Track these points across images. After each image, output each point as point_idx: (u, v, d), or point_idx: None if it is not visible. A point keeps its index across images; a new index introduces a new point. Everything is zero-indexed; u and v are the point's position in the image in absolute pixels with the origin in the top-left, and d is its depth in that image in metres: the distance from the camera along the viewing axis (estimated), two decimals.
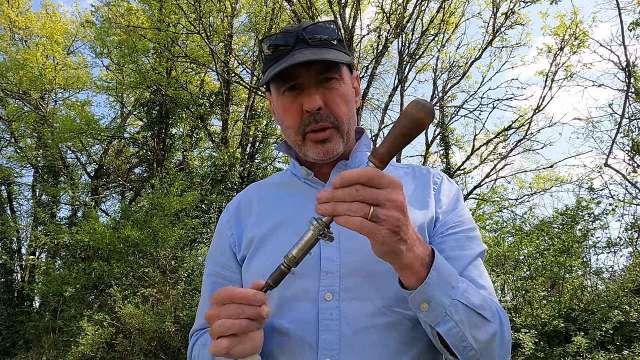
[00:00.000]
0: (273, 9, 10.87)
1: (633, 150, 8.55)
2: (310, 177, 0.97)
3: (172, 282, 7.62)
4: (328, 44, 0.89)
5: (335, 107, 0.90)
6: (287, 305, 0.85)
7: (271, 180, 1.06)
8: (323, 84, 0.89)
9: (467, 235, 0.89)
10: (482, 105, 9.61)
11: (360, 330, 0.80)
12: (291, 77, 0.88)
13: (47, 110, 13.21)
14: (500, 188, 11.26)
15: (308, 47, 0.87)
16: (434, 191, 0.95)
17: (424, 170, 1.00)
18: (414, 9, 8.87)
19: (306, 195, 0.96)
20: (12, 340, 10.49)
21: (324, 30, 0.89)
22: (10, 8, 13.31)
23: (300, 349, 0.81)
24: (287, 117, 0.92)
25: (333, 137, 0.90)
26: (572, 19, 8.70)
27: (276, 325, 0.85)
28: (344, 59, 0.87)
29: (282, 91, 0.91)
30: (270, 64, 0.90)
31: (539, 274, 6.83)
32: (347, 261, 0.84)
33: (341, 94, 0.91)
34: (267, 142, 13.39)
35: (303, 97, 0.88)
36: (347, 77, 0.94)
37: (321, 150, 0.90)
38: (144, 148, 13.35)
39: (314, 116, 0.88)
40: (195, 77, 13.34)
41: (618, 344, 5.39)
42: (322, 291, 0.83)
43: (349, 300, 0.82)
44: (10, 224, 12.30)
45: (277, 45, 0.89)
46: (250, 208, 1.00)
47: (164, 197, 8.84)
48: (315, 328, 0.81)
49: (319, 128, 0.89)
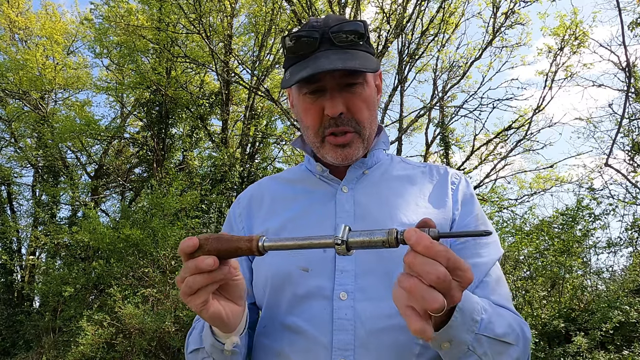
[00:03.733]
0: (273, 9, 10.86)
1: (633, 150, 8.55)
2: (325, 174, 0.95)
3: (172, 282, 7.61)
4: (354, 45, 0.86)
5: (358, 112, 0.88)
6: (300, 303, 0.83)
7: (285, 175, 1.05)
8: (347, 88, 0.87)
9: (486, 241, 0.88)
10: (482, 105, 9.62)
11: (375, 331, 0.79)
12: (314, 80, 0.86)
13: (47, 110, 13.21)
14: (500, 188, 11.24)
15: (333, 47, 0.85)
16: (451, 191, 0.93)
17: (442, 169, 0.98)
18: (414, 9, 8.86)
19: (321, 192, 0.94)
20: (12, 340, 10.48)
21: (352, 29, 0.85)
22: (10, 8, 13.30)
23: (314, 348, 0.80)
24: (307, 117, 0.90)
25: (354, 142, 0.89)
26: (572, 19, 8.69)
27: (288, 322, 0.84)
28: (370, 66, 0.84)
29: (304, 92, 0.89)
30: (293, 61, 0.88)
31: (539, 274, 6.82)
32: (362, 260, 0.83)
33: (364, 98, 0.89)
34: (267, 142, 13.39)
35: (325, 101, 0.86)
36: (371, 80, 0.92)
37: (340, 154, 0.89)
38: (143, 148, 13.34)
39: (336, 120, 0.87)
40: (195, 77, 13.33)
41: (618, 344, 5.38)
42: (337, 290, 0.81)
43: (364, 301, 0.80)
44: (10, 224, 12.28)
45: (301, 43, 0.85)
46: (262, 202, 0.99)
47: (164, 197, 8.84)
48: (329, 327, 0.80)
49: (339, 132, 0.87)
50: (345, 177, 0.94)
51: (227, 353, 0.78)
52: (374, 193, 0.92)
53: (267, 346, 0.87)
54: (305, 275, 0.84)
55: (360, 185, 0.94)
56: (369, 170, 0.97)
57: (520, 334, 0.76)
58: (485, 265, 0.84)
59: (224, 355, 0.79)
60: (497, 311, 0.75)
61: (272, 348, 0.85)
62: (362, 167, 0.96)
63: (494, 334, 0.70)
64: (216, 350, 0.79)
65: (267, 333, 0.88)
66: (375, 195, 0.92)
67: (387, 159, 1.02)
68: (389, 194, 0.92)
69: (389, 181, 0.95)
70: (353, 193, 0.92)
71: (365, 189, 0.93)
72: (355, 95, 0.87)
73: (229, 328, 0.75)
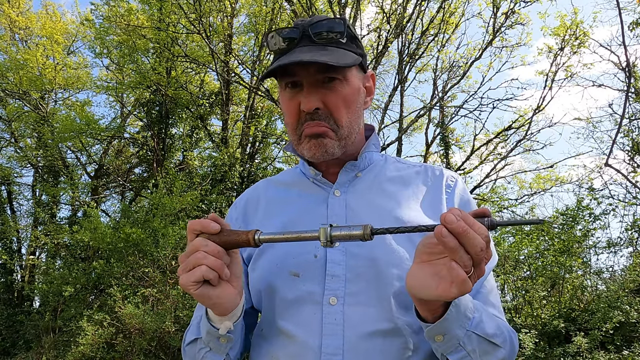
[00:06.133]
0: (273, 9, 10.86)
1: (633, 150, 8.55)
2: (318, 178, 0.95)
3: (172, 282, 7.61)
4: (335, 42, 0.85)
5: (334, 110, 0.87)
6: (290, 308, 0.84)
7: (281, 178, 1.05)
8: (325, 84, 0.86)
9: None
10: (482, 105, 9.60)
11: (364, 336, 0.79)
12: (289, 73, 0.86)
13: (47, 110, 13.20)
14: (500, 188, 11.26)
15: (312, 44, 0.85)
16: (446, 194, 0.92)
17: (437, 171, 0.97)
18: (414, 9, 8.86)
19: (314, 195, 0.94)
20: (12, 340, 10.48)
21: (332, 27, 0.85)
22: (11, 8, 13.31)
23: (303, 352, 0.80)
24: (286, 114, 0.91)
25: (328, 134, 0.87)
26: (572, 19, 8.69)
27: (280, 326, 0.84)
28: (344, 61, 0.82)
29: (284, 86, 0.89)
30: (275, 57, 0.89)
31: (539, 274, 6.83)
32: (353, 265, 0.83)
33: (342, 96, 0.87)
34: (267, 142, 13.38)
35: (301, 96, 0.86)
36: (353, 78, 0.90)
37: (314, 144, 0.87)
38: (144, 148, 13.34)
39: (312, 115, 0.86)
40: (195, 77, 13.33)
41: (618, 344, 5.38)
42: (327, 295, 0.82)
43: (354, 305, 0.81)
44: (10, 224, 12.28)
45: (280, 40, 0.86)
46: (258, 205, 0.99)
47: (164, 197, 8.85)
48: (318, 332, 0.80)
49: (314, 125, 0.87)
50: (337, 180, 0.94)
51: (222, 340, 0.79)
52: (366, 197, 0.92)
53: (263, 349, 0.88)
54: (296, 280, 0.84)
55: (352, 189, 0.93)
56: (361, 173, 0.96)
57: (509, 339, 0.78)
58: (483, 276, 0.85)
59: (219, 343, 0.80)
60: (488, 313, 0.77)
61: (267, 351, 0.86)
62: (354, 170, 0.95)
63: (483, 333, 0.73)
64: (212, 339, 0.79)
65: (263, 336, 0.89)
66: (366, 199, 0.91)
67: (381, 160, 1.01)
68: (381, 197, 0.91)
69: (381, 183, 0.94)
70: (345, 197, 0.92)
71: (357, 192, 0.93)
72: (333, 91, 0.86)
73: (221, 309, 0.76)
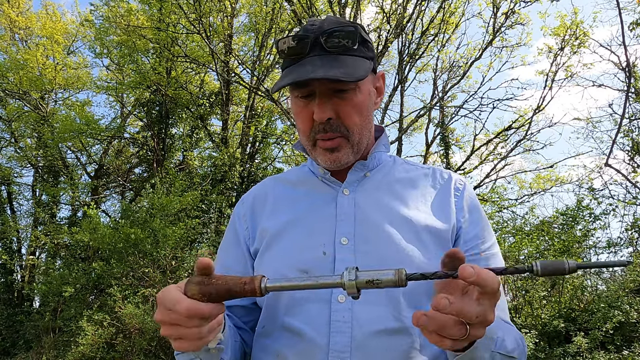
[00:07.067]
0: (273, 9, 10.87)
1: (633, 150, 8.55)
2: (327, 177, 0.96)
3: (172, 282, 7.61)
4: (347, 50, 0.85)
5: (347, 118, 0.88)
6: (298, 305, 0.84)
7: (288, 175, 1.05)
8: (337, 93, 0.86)
9: (492, 253, 0.89)
10: (482, 105, 9.60)
11: (371, 334, 0.79)
12: (303, 85, 0.86)
13: (47, 110, 13.20)
14: (500, 188, 11.25)
15: (324, 53, 0.84)
16: (455, 198, 0.93)
17: (446, 174, 0.98)
18: (414, 9, 8.86)
19: (322, 194, 0.95)
20: (12, 340, 10.48)
21: (344, 35, 0.85)
22: (11, 8, 13.31)
23: (311, 350, 0.81)
24: (299, 120, 0.92)
25: (342, 146, 0.89)
26: (573, 19, 8.69)
27: (287, 324, 0.84)
28: (356, 74, 0.82)
29: (296, 95, 0.90)
30: (286, 64, 0.89)
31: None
32: (361, 264, 0.83)
33: (355, 104, 0.88)
34: (267, 142, 13.39)
35: (314, 105, 0.87)
36: (365, 84, 0.90)
37: (329, 158, 0.90)
38: (144, 148, 13.34)
39: (324, 125, 0.87)
40: (195, 77, 13.33)
41: (618, 344, 5.39)
42: (335, 293, 0.82)
43: (362, 304, 0.81)
44: (10, 224, 12.29)
45: (292, 47, 0.86)
46: (266, 202, 1.00)
47: (164, 197, 8.84)
48: (326, 330, 0.80)
49: (327, 138, 0.88)
50: (346, 179, 0.94)
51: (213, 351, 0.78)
52: (374, 196, 0.93)
53: (266, 346, 0.88)
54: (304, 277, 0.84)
55: (362, 188, 0.94)
56: (370, 173, 0.97)
57: (523, 347, 0.80)
58: None
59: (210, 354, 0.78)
60: (505, 327, 0.78)
61: (272, 348, 0.86)
62: (363, 170, 0.96)
63: (505, 351, 0.73)
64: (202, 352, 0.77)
65: (266, 333, 0.89)
66: (375, 198, 0.92)
67: (390, 160, 1.02)
68: (389, 197, 0.92)
69: (390, 184, 0.95)
70: (354, 196, 0.92)
71: (366, 191, 0.93)
72: (346, 101, 0.87)
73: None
